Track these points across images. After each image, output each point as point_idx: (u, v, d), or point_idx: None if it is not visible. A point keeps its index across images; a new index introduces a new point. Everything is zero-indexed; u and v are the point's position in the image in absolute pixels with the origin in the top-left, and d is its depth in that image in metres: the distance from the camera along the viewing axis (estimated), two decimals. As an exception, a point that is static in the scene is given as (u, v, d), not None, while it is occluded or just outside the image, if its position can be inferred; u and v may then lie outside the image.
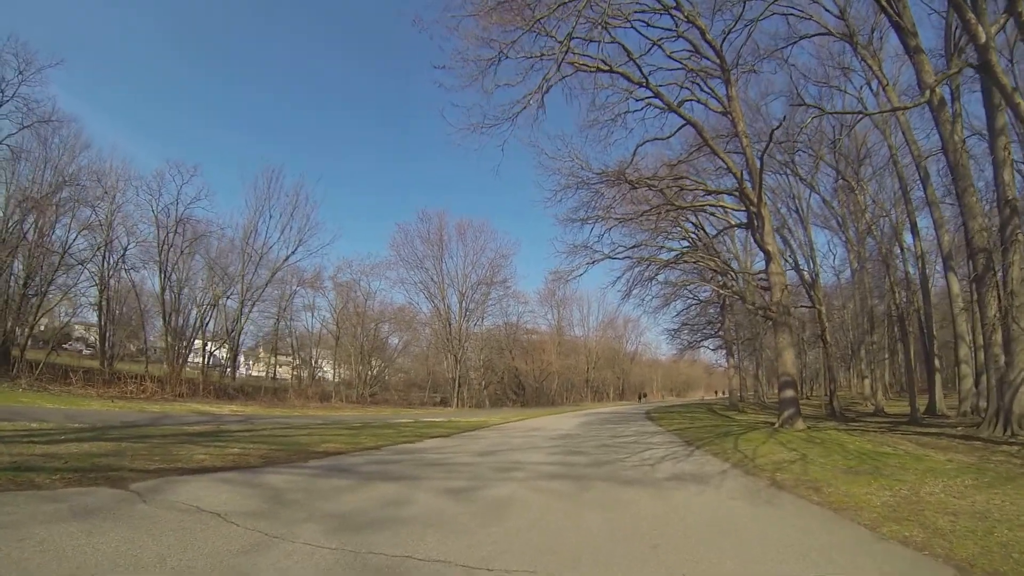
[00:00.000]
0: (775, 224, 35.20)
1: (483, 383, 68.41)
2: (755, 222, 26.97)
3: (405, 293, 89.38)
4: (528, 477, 11.19)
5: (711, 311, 53.19)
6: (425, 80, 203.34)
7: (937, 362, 36.49)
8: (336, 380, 62.32)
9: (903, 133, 31.23)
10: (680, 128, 28.08)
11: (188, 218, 44.18)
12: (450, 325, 65.10)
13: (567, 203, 29.34)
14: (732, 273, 29.94)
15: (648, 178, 27.12)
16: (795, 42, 27.65)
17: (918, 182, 35.81)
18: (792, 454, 14.87)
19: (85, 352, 48.95)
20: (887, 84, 29.16)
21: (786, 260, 34.32)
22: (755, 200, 25.98)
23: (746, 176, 26.40)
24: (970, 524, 7.22)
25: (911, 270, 38.52)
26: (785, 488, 10.21)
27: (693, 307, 52.82)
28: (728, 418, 34.81)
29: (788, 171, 39.62)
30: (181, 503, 7.09)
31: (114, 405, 26.31)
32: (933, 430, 21.18)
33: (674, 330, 53.70)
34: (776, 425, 23.93)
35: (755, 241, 28.30)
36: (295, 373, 59.29)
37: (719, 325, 50.98)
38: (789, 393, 25.32)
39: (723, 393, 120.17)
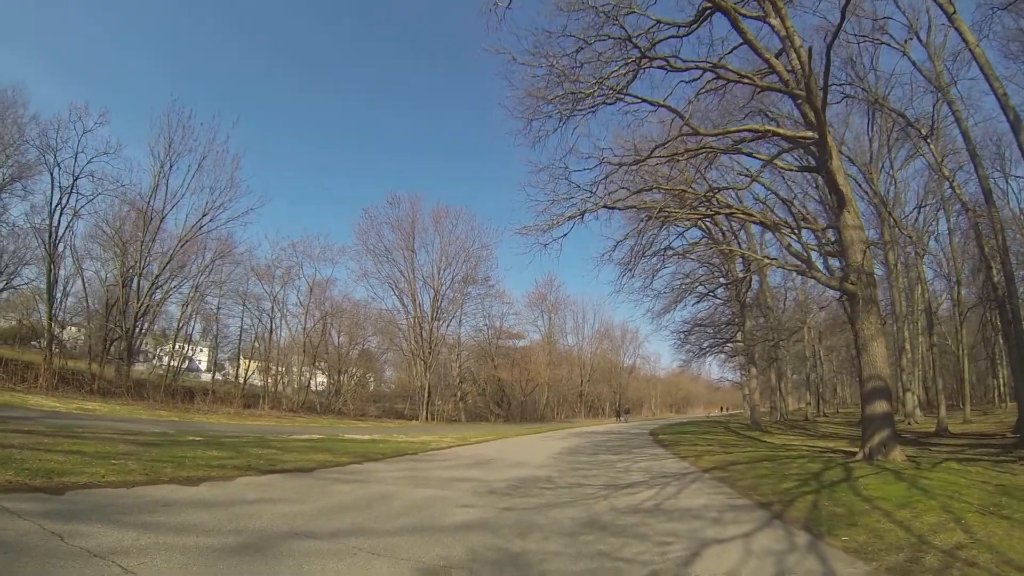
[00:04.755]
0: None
1: (458, 394, 57.52)
2: (822, 153, 17.12)
3: (369, 288, 77.36)
4: None
5: (726, 312, 43.13)
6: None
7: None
8: (317, 388, 52.73)
9: (980, 68, 21.47)
10: (704, 18, 17.60)
11: (93, 175, 34.05)
12: (421, 326, 54.32)
13: (546, 139, 18.05)
14: (790, 229, 19.41)
15: (670, 56, 16.72)
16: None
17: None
18: None
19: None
20: (954, 11, 21.44)
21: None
22: (816, 121, 16.38)
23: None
24: None
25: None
26: None
27: (706, 303, 42.91)
28: (762, 442, 24.63)
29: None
30: None
31: None
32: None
33: (684, 332, 43.46)
34: (860, 456, 15.59)
35: (824, 179, 18.15)
36: (268, 380, 47.95)
37: (737, 328, 40.52)
38: (881, 407, 15.91)
39: (728, 410, 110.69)
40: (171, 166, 37.50)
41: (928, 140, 27.38)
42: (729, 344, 43.85)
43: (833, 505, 9.00)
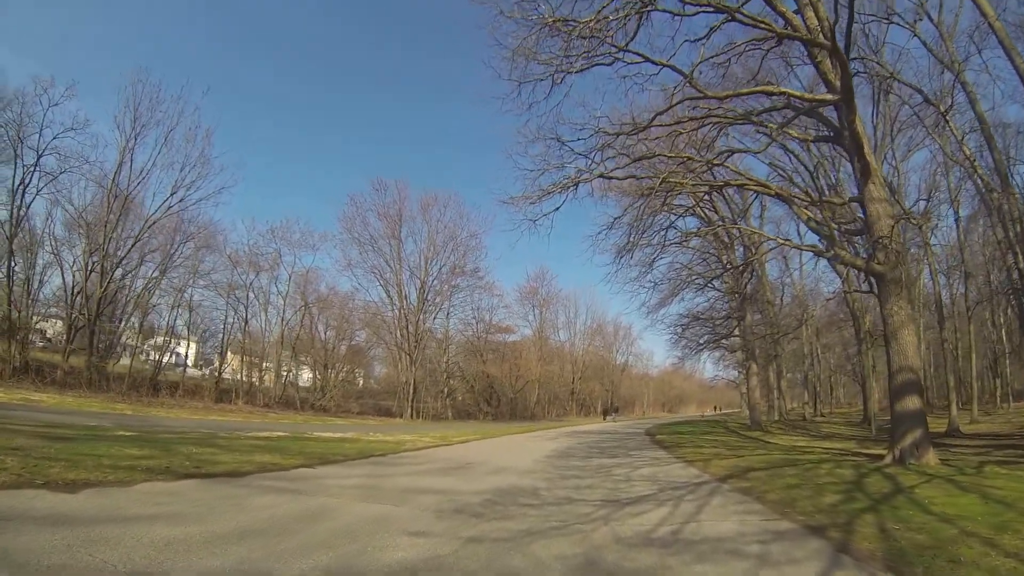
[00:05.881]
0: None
1: (446, 391, 55.16)
2: (848, 113, 15.07)
3: (353, 278, 73.90)
4: None
5: (723, 307, 41.12)
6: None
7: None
8: (303, 384, 51.01)
9: (1000, 42, 19.81)
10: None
11: (59, 151, 31.98)
12: (407, 319, 51.90)
13: (536, 106, 15.69)
14: (808, 202, 17.15)
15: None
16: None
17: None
18: None
19: (38, 344, 39.23)
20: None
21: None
22: (841, 76, 14.51)
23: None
24: None
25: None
26: None
27: (703, 297, 40.90)
28: (769, 444, 22.54)
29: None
30: None
31: None
32: None
33: (682, 326, 41.22)
34: (889, 458, 13.70)
35: (846, 145, 15.96)
36: (244, 374, 45.54)
37: (736, 322, 38.37)
38: (913, 403, 14.00)
39: (720, 409, 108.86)
40: (136, 139, 35.00)
41: (947, 116, 25.24)
42: (726, 340, 41.86)
43: (906, 529, 6.72)
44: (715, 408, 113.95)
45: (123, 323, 39.53)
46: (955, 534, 6.41)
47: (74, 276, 34.49)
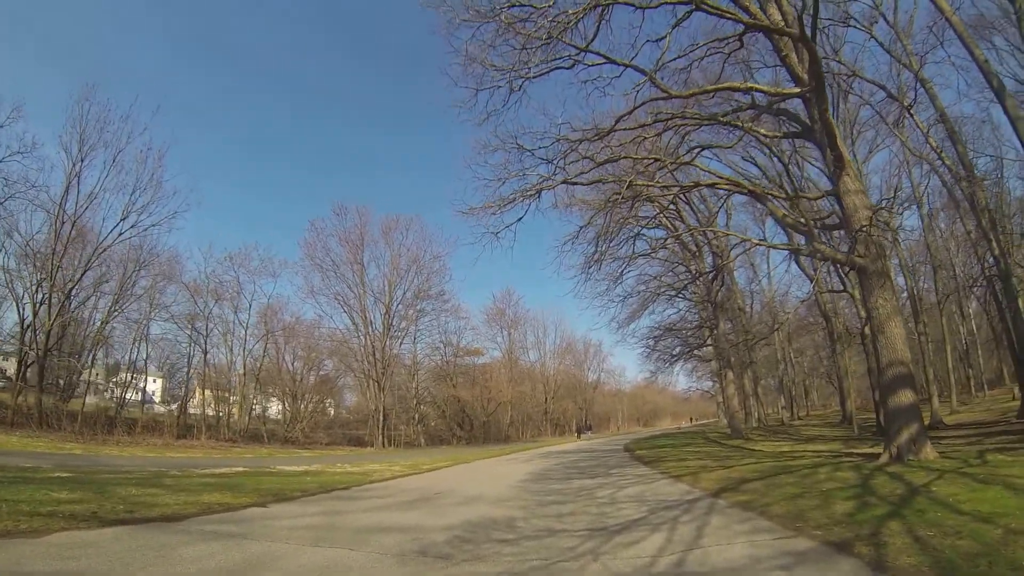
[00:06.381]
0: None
1: (417, 417, 53.77)
2: (819, 103, 14.42)
3: (317, 306, 73.16)
4: None
5: (694, 318, 40.61)
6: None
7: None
8: (273, 416, 49.81)
9: (959, 36, 19.88)
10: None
11: (6, 178, 30.63)
12: (373, 345, 50.53)
13: (495, 116, 14.92)
14: (782, 199, 16.54)
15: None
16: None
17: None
18: None
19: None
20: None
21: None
22: (811, 66, 13.66)
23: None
24: None
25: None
26: None
27: (674, 309, 40.51)
28: (755, 451, 21.75)
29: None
30: None
31: None
32: None
33: (654, 339, 40.70)
34: (886, 457, 12.95)
35: (817, 140, 15.43)
36: (206, 408, 43.75)
37: (709, 331, 37.78)
38: (906, 397, 13.32)
39: (695, 420, 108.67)
40: (84, 162, 33.27)
41: (911, 111, 25.05)
42: (699, 350, 41.46)
43: (942, 534, 5.82)
44: (690, 420, 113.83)
45: (81, 359, 37.74)
46: (1001, 535, 5.59)
47: (23, 310, 32.79)
